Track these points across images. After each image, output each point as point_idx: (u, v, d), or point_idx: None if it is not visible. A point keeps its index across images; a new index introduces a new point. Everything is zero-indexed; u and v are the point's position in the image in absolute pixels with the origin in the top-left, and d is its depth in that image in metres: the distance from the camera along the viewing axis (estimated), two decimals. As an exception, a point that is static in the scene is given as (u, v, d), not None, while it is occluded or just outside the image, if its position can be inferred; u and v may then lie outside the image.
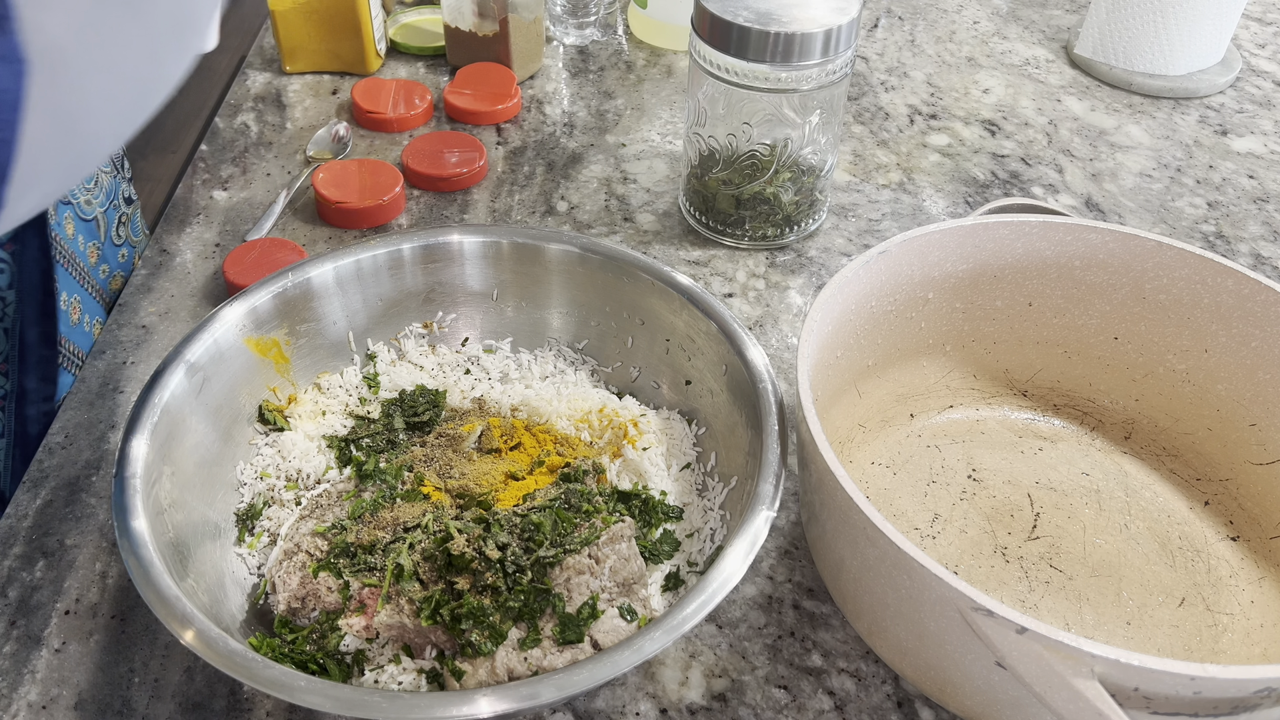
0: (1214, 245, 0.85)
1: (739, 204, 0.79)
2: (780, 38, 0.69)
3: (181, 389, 0.56)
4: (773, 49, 0.70)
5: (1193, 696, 0.41)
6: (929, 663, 0.49)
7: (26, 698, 0.52)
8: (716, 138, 0.77)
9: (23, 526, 0.60)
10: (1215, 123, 1.01)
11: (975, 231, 0.61)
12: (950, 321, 0.65)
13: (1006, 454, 0.66)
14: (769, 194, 0.79)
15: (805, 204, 0.81)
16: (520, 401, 0.65)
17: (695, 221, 0.83)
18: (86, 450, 0.65)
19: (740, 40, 0.70)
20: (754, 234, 0.81)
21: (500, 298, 0.69)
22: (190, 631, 0.45)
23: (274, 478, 0.60)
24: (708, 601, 0.47)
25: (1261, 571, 0.59)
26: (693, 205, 0.83)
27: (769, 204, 0.79)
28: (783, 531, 0.62)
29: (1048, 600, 0.58)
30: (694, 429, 0.64)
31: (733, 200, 0.79)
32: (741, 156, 0.77)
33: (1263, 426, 0.60)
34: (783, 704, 0.54)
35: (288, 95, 0.99)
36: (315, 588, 0.53)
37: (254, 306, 0.61)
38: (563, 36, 1.08)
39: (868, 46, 1.11)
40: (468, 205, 0.86)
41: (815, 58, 0.71)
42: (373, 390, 0.66)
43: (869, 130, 0.98)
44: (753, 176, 0.78)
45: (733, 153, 0.77)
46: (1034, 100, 1.03)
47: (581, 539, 0.53)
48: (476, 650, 0.50)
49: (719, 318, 0.61)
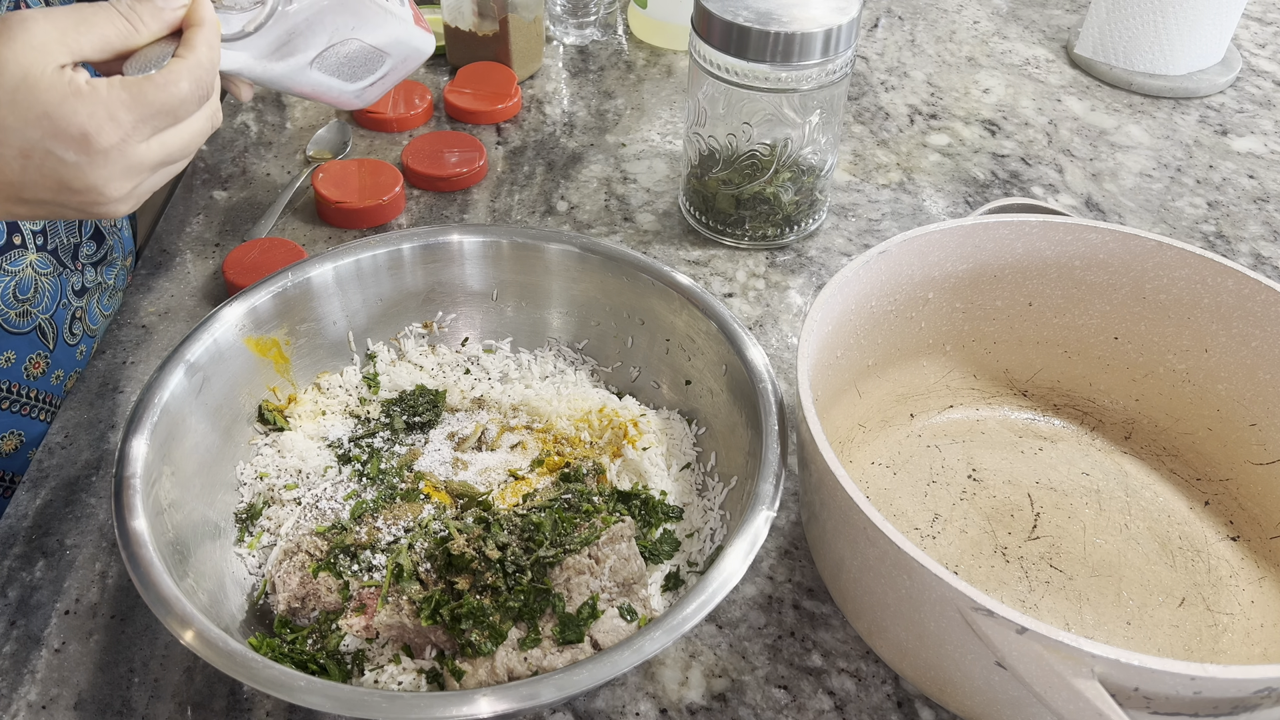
0: (1214, 245, 0.85)
1: (739, 204, 0.79)
2: (780, 37, 0.69)
3: (181, 389, 0.56)
4: (773, 49, 0.70)
5: (1193, 696, 0.41)
6: (929, 663, 0.49)
7: (26, 698, 0.52)
8: (716, 138, 0.77)
9: (23, 526, 0.60)
10: (1215, 123, 1.01)
11: (975, 231, 0.61)
12: (950, 321, 0.65)
13: (1006, 454, 0.66)
14: (769, 194, 0.79)
15: (805, 204, 0.81)
16: (520, 401, 0.65)
17: (695, 221, 0.83)
18: (86, 450, 0.65)
19: (740, 40, 0.70)
20: (754, 234, 0.81)
21: (500, 298, 0.69)
22: (190, 631, 0.45)
23: (274, 478, 0.60)
24: (708, 601, 0.47)
25: (1261, 571, 0.59)
26: (693, 205, 0.83)
27: (769, 204, 0.79)
28: (783, 531, 0.62)
29: (1048, 600, 0.58)
30: (694, 429, 0.64)
31: (733, 200, 0.79)
32: (741, 156, 0.77)
33: (1263, 426, 0.60)
34: (783, 704, 0.54)
35: (288, 95, 0.99)
36: (315, 588, 0.53)
37: (254, 306, 0.61)
38: (563, 36, 1.08)
39: (868, 46, 1.11)
40: (468, 205, 0.86)
41: (815, 57, 0.71)
42: (373, 390, 0.66)
43: (869, 130, 0.98)
44: (753, 176, 0.78)
45: (733, 153, 0.77)
46: (1034, 100, 1.03)
47: (581, 539, 0.53)
48: (476, 650, 0.50)
49: (719, 318, 0.61)
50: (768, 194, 0.79)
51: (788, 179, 0.78)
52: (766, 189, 0.78)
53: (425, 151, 0.88)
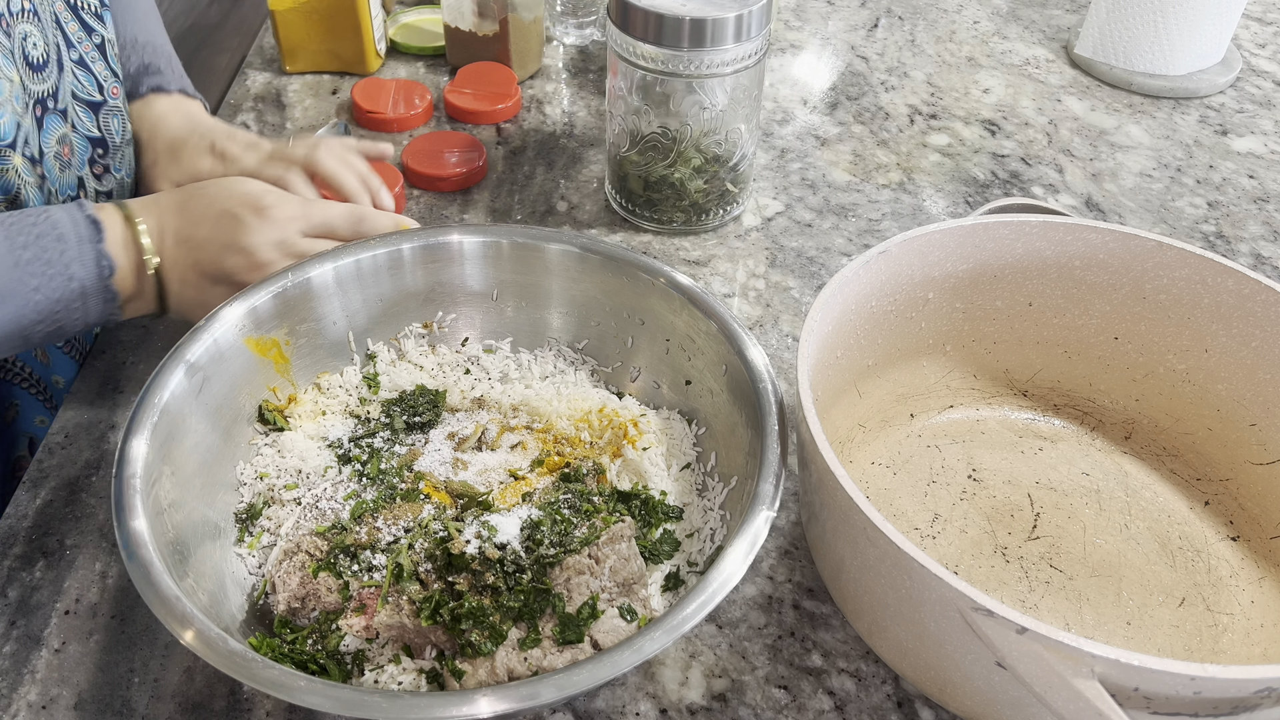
0: (1214, 245, 0.85)
1: (647, 185, 0.81)
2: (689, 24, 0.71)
3: (181, 389, 0.56)
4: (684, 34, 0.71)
5: (1193, 696, 0.41)
6: (929, 663, 0.49)
7: (26, 698, 0.52)
8: (629, 119, 0.78)
9: (23, 526, 0.60)
10: (1215, 123, 1.01)
11: (975, 231, 0.61)
12: (950, 321, 0.65)
13: (1006, 454, 0.66)
14: (675, 179, 0.79)
15: (715, 194, 0.81)
16: (520, 401, 0.65)
17: (615, 202, 0.85)
18: (86, 450, 0.65)
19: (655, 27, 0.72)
20: (663, 219, 0.82)
21: (500, 298, 0.69)
22: (190, 631, 0.45)
23: (274, 478, 0.60)
24: (708, 601, 0.47)
25: (1261, 571, 0.59)
26: (614, 186, 0.84)
27: (674, 189, 0.80)
28: (783, 531, 0.62)
29: (1048, 600, 0.58)
30: (694, 429, 0.64)
31: (641, 181, 0.81)
32: (646, 138, 0.78)
33: (1263, 426, 0.60)
34: (783, 704, 0.54)
35: (288, 95, 0.99)
36: (315, 588, 0.53)
37: (254, 306, 0.61)
38: (563, 36, 1.08)
39: (868, 46, 1.11)
40: (468, 205, 0.86)
41: (728, 43, 0.72)
42: (373, 390, 0.66)
43: (869, 130, 0.98)
44: (657, 159, 0.79)
45: (638, 134, 0.78)
46: (1034, 100, 1.03)
47: (581, 539, 0.53)
48: (476, 650, 0.50)
49: (719, 318, 0.61)
50: (674, 179, 0.79)
51: (694, 166, 0.79)
52: (672, 174, 0.79)
53: (425, 151, 0.88)
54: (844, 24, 1.16)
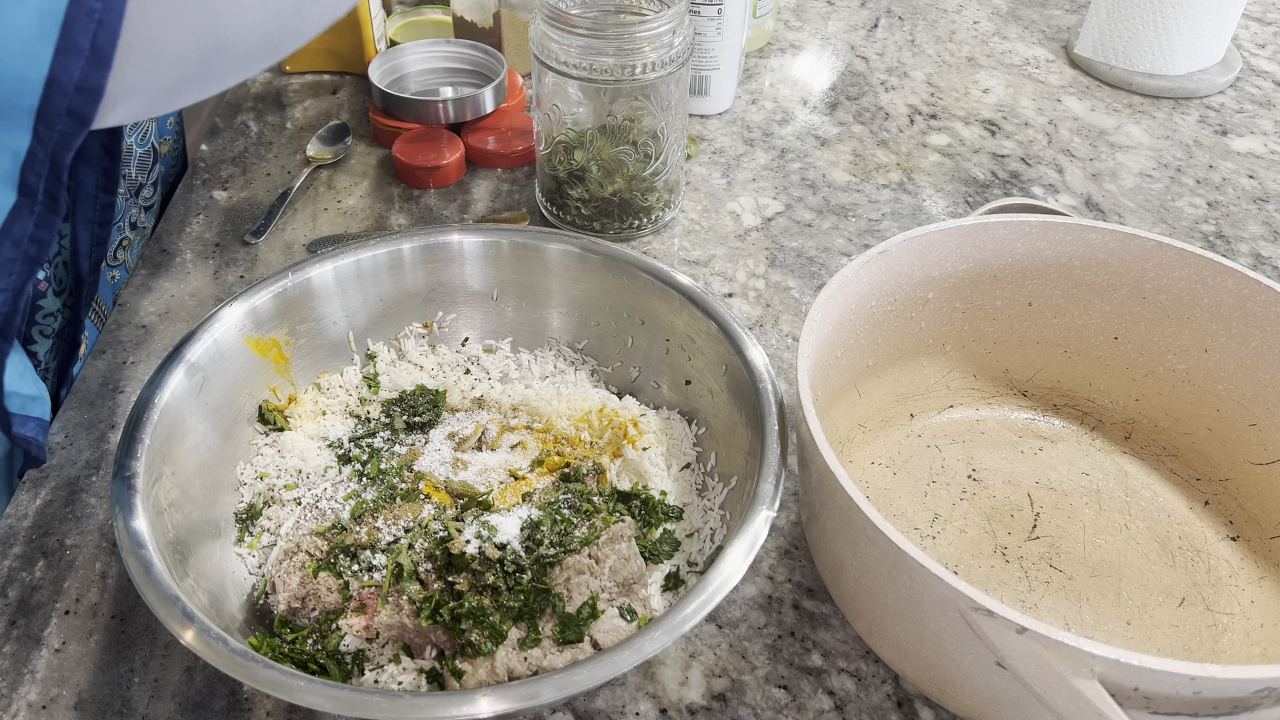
0: (1214, 245, 0.85)
1: (558, 183, 0.81)
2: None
3: (181, 389, 0.56)
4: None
5: (1193, 696, 0.41)
6: (929, 663, 0.49)
7: (26, 698, 0.52)
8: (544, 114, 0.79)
9: (23, 526, 0.60)
10: (1215, 123, 1.01)
11: (975, 231, 0.61)
12: (950, 321, 0.65)
13: (1006, 454, 0.66)
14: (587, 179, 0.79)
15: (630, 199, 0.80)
16: (520, 401, 0.65)
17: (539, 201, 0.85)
18: (86, 450, 0.65)
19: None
20: (575, 221, 0.82)
21: (500, 298, 0.69)
22: (190, 631, 0.45)
23: (274, 478, 0.60)
24: (708, 601, 0.47)
25: (1261, 571, 0.59)
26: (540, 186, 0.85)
27: (584, 187, 0.80)
28: (783, 531, 0.62)
29: (1048, 600, 0.58)
30: (694, 429, 0.64)
31: (552, 179, 0.81)
32: (557, 137, 0.79)
33: (1263, 426, 0.60)
34: (783, 704, 0.54)
35: (288, 95, 0.99)
36: (315, 588, 0.53)
37: (254, 306, 0.61)
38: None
39: (868, 46, 1.11)
40: (468, 205, 0.86)
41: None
42: (373, 390, 0.66)
43: (869, 130, 0.98)
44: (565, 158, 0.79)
45: (550, 132, 0.79)
46: (1034, 100, 1.03)
47: (581, 539, 0.53)
48: (476, 650, 0.50)
49: (719, 318, 0.61)
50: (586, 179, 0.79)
51: (599, 170, 0.78)
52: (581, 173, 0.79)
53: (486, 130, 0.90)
54: (844, 24, 1.16)
